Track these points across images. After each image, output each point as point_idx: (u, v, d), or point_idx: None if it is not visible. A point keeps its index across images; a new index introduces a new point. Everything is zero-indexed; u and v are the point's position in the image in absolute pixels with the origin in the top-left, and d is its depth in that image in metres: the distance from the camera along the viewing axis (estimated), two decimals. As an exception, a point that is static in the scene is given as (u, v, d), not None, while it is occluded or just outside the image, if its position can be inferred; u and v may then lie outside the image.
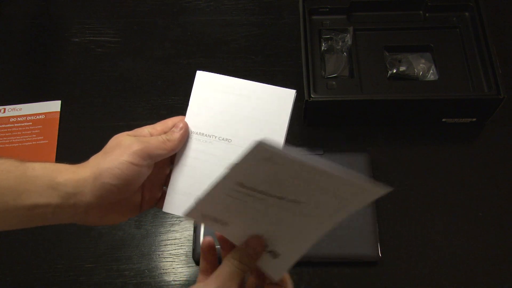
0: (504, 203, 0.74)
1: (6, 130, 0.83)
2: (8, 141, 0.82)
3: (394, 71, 0.80)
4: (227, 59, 0.89)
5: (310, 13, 0.83)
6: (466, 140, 0.80)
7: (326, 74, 0.79)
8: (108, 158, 0.47)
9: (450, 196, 0.75)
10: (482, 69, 0.78)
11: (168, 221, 0.75)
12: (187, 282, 0.70)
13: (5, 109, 0.85)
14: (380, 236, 0.70)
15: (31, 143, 0.82)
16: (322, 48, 0.82)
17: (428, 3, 0.83)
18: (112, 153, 0.47)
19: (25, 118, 0.84)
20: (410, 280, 0.69)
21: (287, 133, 0.51)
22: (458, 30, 0.82)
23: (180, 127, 0.51)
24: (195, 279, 0.52)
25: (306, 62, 0.78)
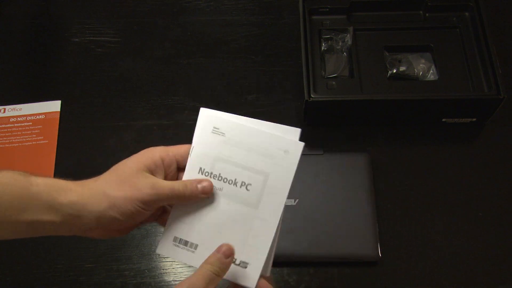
0: (504, 203, 0.74)
1: (6, 130, 0.83)
2: (8, 141, 0.82)
3: (394, 71, 0.80)
4: (227, 59, 0.89)
5: (310, 13, 0.83)
6: (466, 140, 0.80)
7: (326, 74, 0.79)
8: (120, 194, 0.46)
9: (450, 196, 0.75)
10: (482, 69, 0.78)
11: (168, 221, 0.75)
12: (187, 282, 0.70)
13: (5, 109, 0.85)
14: (380, 236, 0.70)
15: (31, 143, 0.82)
16: (322, 48, 0.82)
17: (428, 3, 0.83)
18: (125, 185, 0.47)
19: (25, 118, 0.84)
20: (410, 280, 0.69)
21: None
22: (458, 30, 0.82)
23: (205, 191, 0.50)
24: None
25: (306, 62, 0.78)
